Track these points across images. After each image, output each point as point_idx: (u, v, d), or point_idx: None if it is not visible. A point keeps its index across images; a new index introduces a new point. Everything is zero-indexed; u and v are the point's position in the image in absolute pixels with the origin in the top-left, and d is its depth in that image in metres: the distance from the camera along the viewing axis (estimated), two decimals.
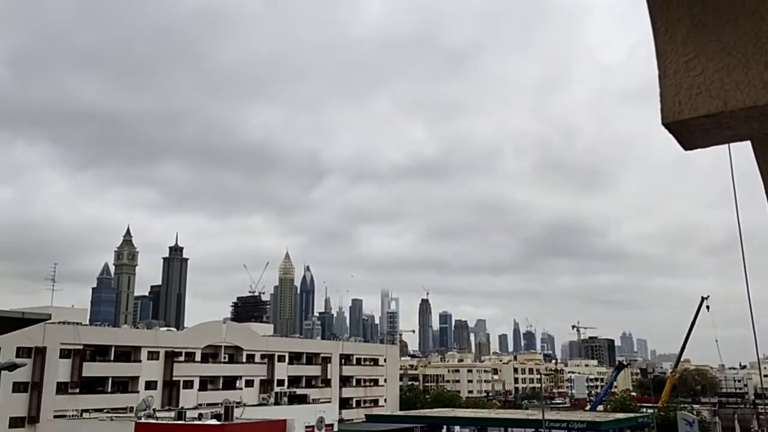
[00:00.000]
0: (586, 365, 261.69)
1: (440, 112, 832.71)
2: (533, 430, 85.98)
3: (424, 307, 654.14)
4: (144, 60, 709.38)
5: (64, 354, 77.83)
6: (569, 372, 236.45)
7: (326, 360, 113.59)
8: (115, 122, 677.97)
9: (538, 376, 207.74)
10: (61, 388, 76.62)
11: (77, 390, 77.81)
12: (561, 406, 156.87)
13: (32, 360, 72.48)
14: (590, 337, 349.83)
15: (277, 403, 71.69)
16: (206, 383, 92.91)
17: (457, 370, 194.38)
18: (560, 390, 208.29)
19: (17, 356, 67.22)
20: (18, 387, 71.47)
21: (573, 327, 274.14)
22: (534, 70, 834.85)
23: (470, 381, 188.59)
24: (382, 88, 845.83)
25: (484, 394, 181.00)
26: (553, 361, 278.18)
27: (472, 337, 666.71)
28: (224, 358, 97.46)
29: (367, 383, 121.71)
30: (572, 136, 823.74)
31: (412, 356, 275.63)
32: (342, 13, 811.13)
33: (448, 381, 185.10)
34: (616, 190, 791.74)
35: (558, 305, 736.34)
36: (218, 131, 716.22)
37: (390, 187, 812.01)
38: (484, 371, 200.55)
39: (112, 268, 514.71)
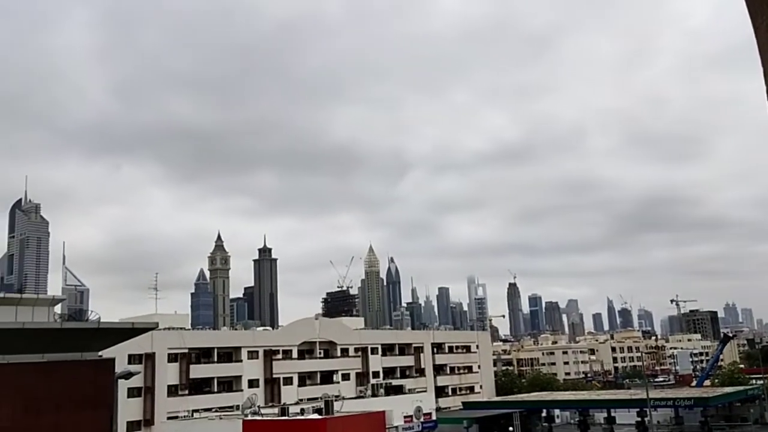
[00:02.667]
0: (689, 340, 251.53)
1: (521, 96, 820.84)
2: (637, 409, 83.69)
3: (512, 290, 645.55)
4: (234, 76, 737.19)
5: (172, 358, 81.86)
6: (671, 348, 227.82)
7: (418, 350, 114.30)
8: (210, 137, 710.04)
9: (638, 354, 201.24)
10: (172, 391, 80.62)
11: (186, 391, 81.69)
12: (665, 383, 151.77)
13: (143, 366, 76.65)
14: (691, 311, 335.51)
15: (374, 395, 72.84)
16: (305, 379, 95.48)
17: (552, 353, 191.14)
18: (663, 367, 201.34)
19: (129, 363, 71.45)
20: (132, 392, 75.69)
21: (672, 301, 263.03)
22: (615, 45, 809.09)
23: (566, 363, 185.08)
24: (460, 78, 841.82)
25: (582, 376, 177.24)
26: (653, 337, 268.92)
27: (564, 318, 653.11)
28: (319, 353, 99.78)
29: (461, 371, 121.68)
30: (660, 106, 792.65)
31: (504, 341, 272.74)
32: (418, 9, 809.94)
33: (543, 364, 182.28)
34: (711, 157, 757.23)
35: (654, 280, 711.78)
36: (305, 137, 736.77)
37: (473, 175, 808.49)
38: (580, 352, 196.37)
39: (207, 274, 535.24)
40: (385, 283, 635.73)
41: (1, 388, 37.05)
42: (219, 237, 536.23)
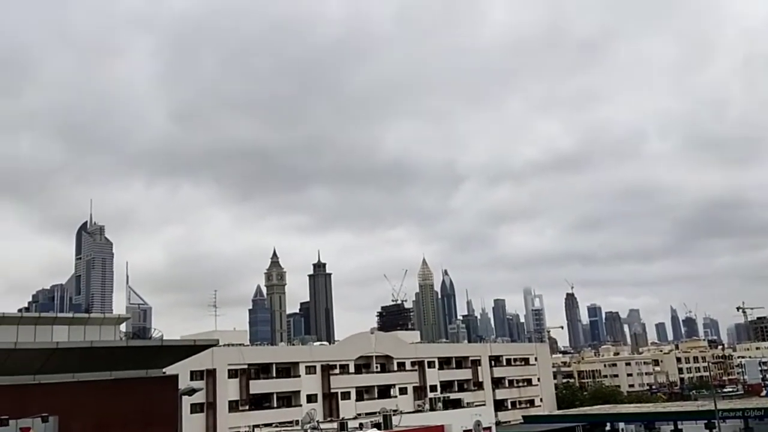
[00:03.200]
0: (757, 348, 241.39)
1: (574, 103, 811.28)
2: (705, 421, 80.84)
3: (570, 301, 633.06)
4: (288, 96, 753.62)
5: (232, 374, 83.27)
6: (739, 357, 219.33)
7: (476, 363, 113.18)
8: (266, 157, 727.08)
9: (705, 364, 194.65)
10: (233, 406, 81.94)
11: (246, 407, 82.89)
12: (733, 393, 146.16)
13: (205, 382, 78.23)
14: (759, 318, 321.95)
15: (432, 409, 72.40)
16: (362, 393, 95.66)
17: (614, 364, 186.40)
18: (731, 377, 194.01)
19: (191, 380, 73.11)
20: (195, 408, 77.30)
21: (738, 309, 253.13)
22: (671, 48, 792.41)
23: (629, 374, 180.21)
24: (512, 88, 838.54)
25: (647, 388, 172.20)
26: (720, 346, 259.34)
27: (626, 328, 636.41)
28: (376, 367, 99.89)
29: (520, 383, 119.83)
30: (721, 108, 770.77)
31: (564, 353, 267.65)
32: (468, 21, 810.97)
33: (605, 376, 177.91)
34: None
35: (719, 287, 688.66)
36: (358, 152, 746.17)
37: (528, 184, 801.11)
38: (644, 363, 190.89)
39: (264, 290, 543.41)
40: (439, 296, 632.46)
41: (73, 405, 38.38)
42: (275, 253, 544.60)
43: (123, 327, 59.90)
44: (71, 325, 47.63)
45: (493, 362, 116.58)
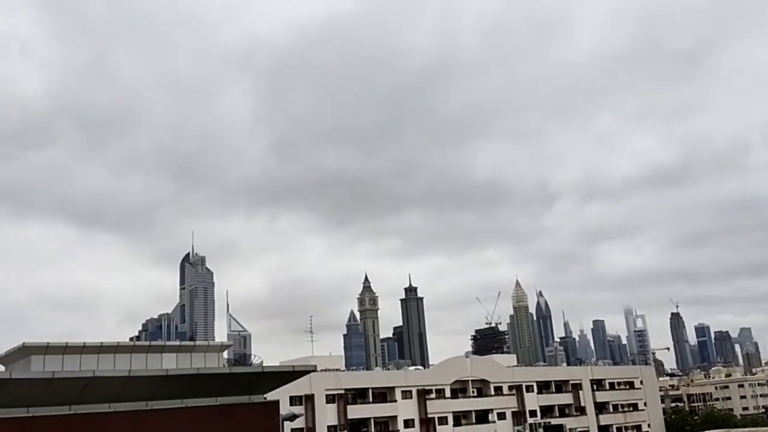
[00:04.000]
0: None
1: (672, 116, 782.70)
2: None
3: (676, 321, 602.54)
4: (379, 123, 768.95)
5: (329, 399, 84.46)
6: None
7: (576, 386, 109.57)
8: (359, 183, 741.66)
9: None
10: (331, 431, 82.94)
11: None
12: None
13: (304, 407, 79.75)
14: None
15: None
16: (459, 418, 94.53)
17: (726, 386, 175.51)
18: None
19: (291, 405, 74.70)
20: None
21: None
22: None
23: (743, 397, 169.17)
24: (604, 103, 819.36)
25: (762, 410, 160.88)
26: None
27: (737, 348, 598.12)
28: (473, 392, 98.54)
29: (626, 408, 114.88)
30: None
31: (671, 375, 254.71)
32: (555, 40, 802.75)
33: (716, 399, 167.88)
34: None
35: None
36: (450, 175, 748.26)
37: (625, 200, 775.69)
38: (758, 384, 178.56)
39: (357, 315, 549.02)
40: (534, 318, 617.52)
41: (182, 430, 40.15)
42: (366, 278, 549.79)
43: (225, 354, 62.30)
44: (179, 353, 49.99)
45: (595, 386, 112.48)
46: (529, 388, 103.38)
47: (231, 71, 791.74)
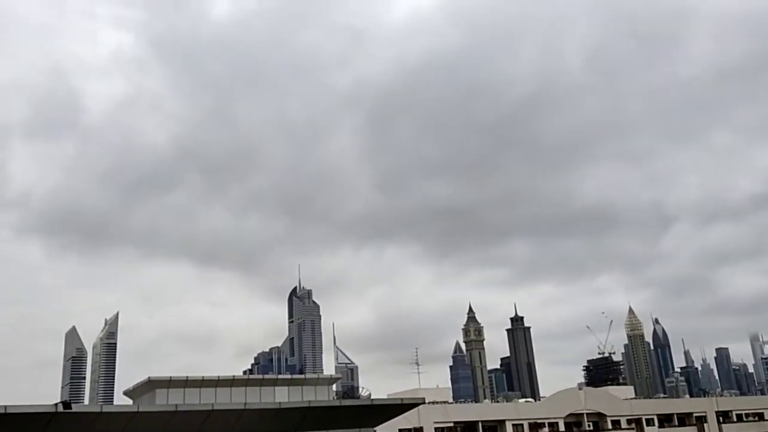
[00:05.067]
0: None
1: None
2: None
3: None
4: (482, 153, 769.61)
5: (438, 431, 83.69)
6: None
7: (701, 419, 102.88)
8: (464, 214, 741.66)
9: None
10: None
11: None
12: None
13: None
14: None
15: None
16: None
17: None
18: None
19: None
20: None
21: None
22: None
23: None
24: (719, 119, 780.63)
25: None
26: None
27: None
28: (588, 425, 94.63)
29: None
30: None
31: None
32: (664, 58, 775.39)
33: None
34: None
35: None
36: (556, 201, 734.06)
37: (750, 220, 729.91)
38: None
39: (463, 346, 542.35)
40: (651, 347, 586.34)
41: None
42: (470, 309, 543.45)
43: (334, 387, 63.34)
44: (290, 386, 51.45)
45: (721, 418, 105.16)
46: (649, 422, 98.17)
47: (339, 112, 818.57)
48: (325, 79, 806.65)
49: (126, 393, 52.64)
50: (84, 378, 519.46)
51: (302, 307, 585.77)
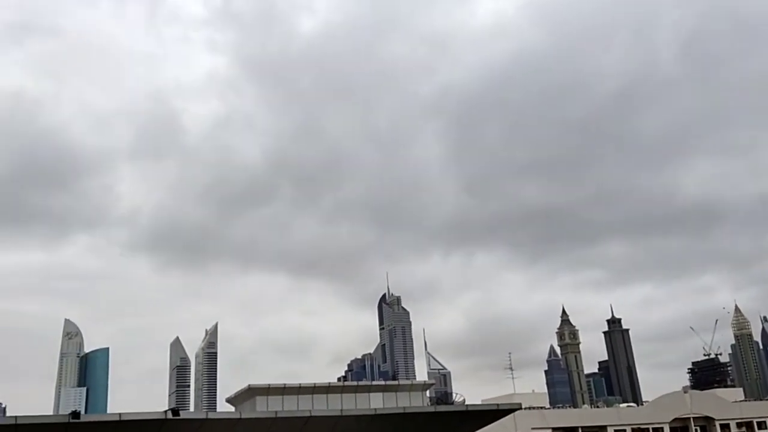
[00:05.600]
0: None
1: None
2: None
3: None
4: (574, 152, 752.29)
5: None
6: None
7: None
8: (556, 216, 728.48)
9: None
10: None
11: None
12: None
13: None
14: None
15: None
16: None
17: None
18: None
19: None
20: None
21: None
22: None
23: None
24: None
25: None
26: None
27: None
28: (695, 430, 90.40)
29: None
30: None
31: None
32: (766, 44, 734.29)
33: None
34: None
35: None
36: (653, 199, 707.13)
37: None
38: None
39: (558, 350, 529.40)
40: (761, 347, 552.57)
41: None
42: (564, 311, 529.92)
43: (428, 392, 63.40)
44: (385, 392, 51.99)
45: None
46: (761, 425, 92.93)
47: (425, 119, 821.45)
48: (410, 86, 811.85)
49: (228, 400, 54.74)
50: (188, 386, 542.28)
51: (392, 313, 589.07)
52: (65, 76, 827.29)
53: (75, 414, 34.60)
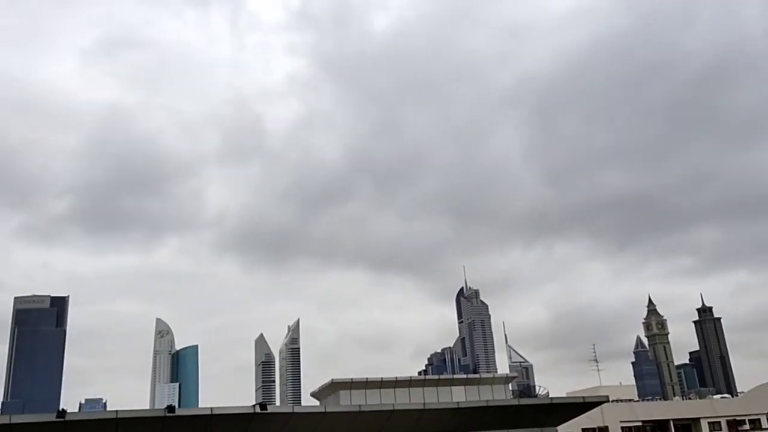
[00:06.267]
0: None
1: None
2: None
3: None
4: (658, 137, 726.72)
5: (625, 431, 79.90)
6: None
7: None
8: (642, 202, 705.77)
9: None
10: None
11: None
12: None
13: None
14: None
15: None
16: None
17: None
18: None
19: None
20: None
21: None
22: None
23: None
24: None
25: None
26: None
27: None
28: None
29: None
30: None
31: None
32: None
33: None
34: None
35: None
36: (748, 181, 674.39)
37: None
38: None
39: (645, 340, 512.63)
40: None
41: None
42: (650, 301, 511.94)
43: (510, 386, 62.71)
44: (466, 386, 51.82)
45: None
46: None
47: (502, 110, 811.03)
48: (488, 78, 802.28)
49: (312, 394, 55.98)
50: (273, 381, 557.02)
51: (470, 307, 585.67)
52: (155, 86, 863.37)
53: (170, 408, 36.25)
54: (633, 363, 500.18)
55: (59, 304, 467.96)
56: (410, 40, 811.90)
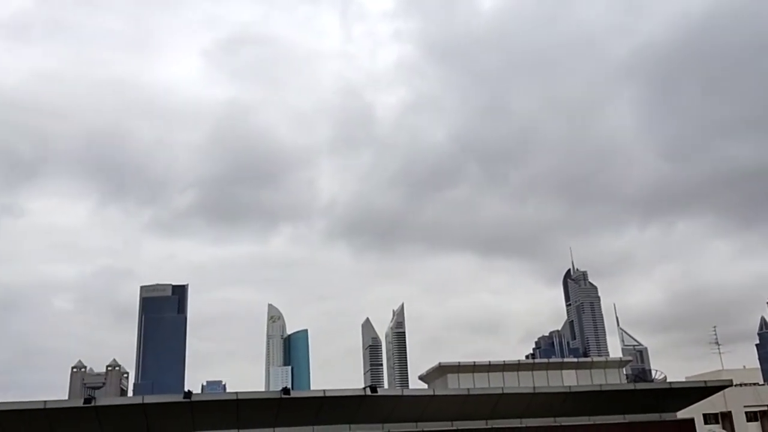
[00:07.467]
0: None
1: None
2: None
3: None
4: None
5: (750, 417, 75.55)
6: None
7: None
8: None
9: None
10: None
11: None
12: None
13: (721, 426, 72.91)
14: None
15: None
16: None
17: None
18: None
19: (705, 423, 68.98)
20: None
21: None
22: None
23: None
24: None
25: None
26: None
27: None
28: None
29: None
30: None
31: None
32: None
33: None
34: None
35: None
36: None
37: None
38: None
39: None
40: None
41: None
42: None
43: (624, 370, 60.75)
44: (578, 370, 50.66)
45: None
46: None
47: (616, 84, 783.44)
48: (600, 51, 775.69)
49: (420, 378, 56.60)
50: (381, 364, 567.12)
51: (578, 289, 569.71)
52: (269, 81, 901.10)
53: (286, 390, 37.85)
54: (757, 345, 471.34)
55: (180, 292, 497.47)
56: (519, 16, 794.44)
